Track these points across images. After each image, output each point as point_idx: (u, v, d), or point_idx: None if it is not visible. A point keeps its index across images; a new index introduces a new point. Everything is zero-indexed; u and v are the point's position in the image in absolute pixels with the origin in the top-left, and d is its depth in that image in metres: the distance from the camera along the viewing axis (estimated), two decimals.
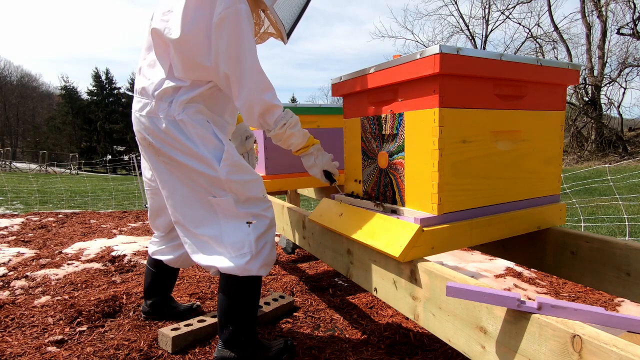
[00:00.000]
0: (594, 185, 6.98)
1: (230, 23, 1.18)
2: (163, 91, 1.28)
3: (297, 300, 1.96)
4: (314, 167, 1.47)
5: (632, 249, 1.09)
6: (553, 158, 1.28)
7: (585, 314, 0.64)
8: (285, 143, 1.40)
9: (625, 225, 3.61)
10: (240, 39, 1.20)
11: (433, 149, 1.01)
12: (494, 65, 1.05)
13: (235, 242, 1.30)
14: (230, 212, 1.32)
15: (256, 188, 1.35)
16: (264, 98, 1.27)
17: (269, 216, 1.35)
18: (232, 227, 1.31)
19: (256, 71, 1.25)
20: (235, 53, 1.21)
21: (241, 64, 1.22)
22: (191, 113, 1.29)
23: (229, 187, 1.29)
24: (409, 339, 1.55)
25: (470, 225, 1.08)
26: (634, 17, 15.44)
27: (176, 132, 1.28)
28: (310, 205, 6.01)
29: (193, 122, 1.28)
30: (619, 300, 2.04)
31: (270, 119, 1.31)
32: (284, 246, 2.91)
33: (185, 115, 1.28)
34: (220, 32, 1.18)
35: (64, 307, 1.82)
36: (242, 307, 1.36)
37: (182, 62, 1.25)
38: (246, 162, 1.37)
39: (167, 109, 1.28)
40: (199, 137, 1.29)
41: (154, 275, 1.71)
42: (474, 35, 21.79)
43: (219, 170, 1.27)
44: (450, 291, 0.74)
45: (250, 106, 1.27)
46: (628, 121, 19.01)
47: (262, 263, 1.32)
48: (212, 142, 1.30)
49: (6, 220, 4.22)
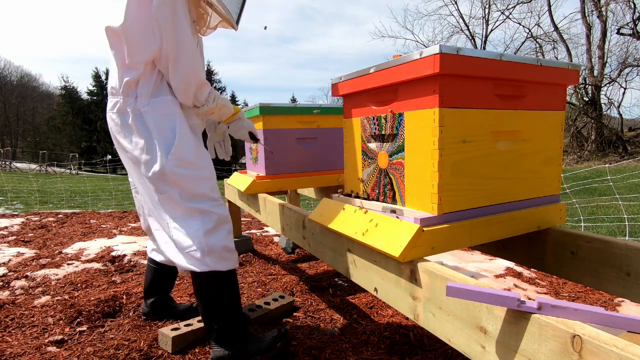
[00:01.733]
0: (594, 185, 6.98)
1: (167, 7, 1.27)
2: (126, 85, 1.35)
3: (297, 300, 1.96)
4: (242, 129, 1.67)
5: (632, 249, 1.09)
6: (553, 158, 1.28)
7: (585, 314, 0.64)
8: (217, 114, 1.53)
9: (625, 225, 3.61)
10: (176, 22, 1.30)
11: (433, 149, 1.01)
12: (494, 65, 1.05)
13: (184, 239, 1.34)
14: (176, 208, 1.36)
15: (204, 185, 1.38)
16: (199, 76, 1.38)
17: (217, 212, 1.37)
18: (180, 223, 1.36)
19: (191, 51, 1.34)
20: (173, 35, 1.30)
21: (178, 45, 1.31)
22: (157, 105, 1.36)
23: (174, 180, 1.33)
24: (409, 339, 1.55)
25: (470, 225, 1.08)
26: (634, 17, 15.44)
27: (138, 124, 1.35)
28: (310, 205, 6.01)
29: (154, 113, 1.35)
30: (619, 300, 2.04)
31: (202, 95, 1.42)
32: (284, 246, 2.91)
33: (150, 106, 1.35)
34: (159, 15, 1.27)
35: (64, 307, 1.82)
36: (217, 304, 1.38)
37: (130, 48, 1.32)
38: (200, 161, 1.40)
39: (134, 103, 1.36)
40: (155, 127, 1.35)
41: (153, 274, 1.72)
42: (474, 35, 21.80)
43: (165, 162, 1.32)
44: (450, 291, 0.74)
45: (187, 84, 1.36)
46: (628, 121, 19.02)
47: (218, 257, 1.35)
48: (165, 133, 1.35)
49: (6, 220, 4.22)
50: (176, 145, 1.34)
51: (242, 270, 2.43)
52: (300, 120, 2.17)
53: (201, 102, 1.43)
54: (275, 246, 3.04)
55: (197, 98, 1.41)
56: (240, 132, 1.67)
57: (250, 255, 2.73)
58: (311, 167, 2.25)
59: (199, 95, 1.40)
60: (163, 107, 1.36)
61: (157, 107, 1.36)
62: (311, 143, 2.23)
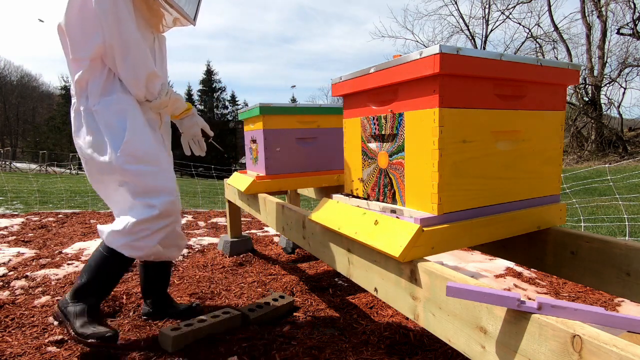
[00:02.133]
0: (594, 185, 6.98)
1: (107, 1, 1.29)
2: (77, 84, 1.38)
3: (297, 300, 1.96)
4: (195, 126, 1.71)
5: (632, 249, 1.09)
6: (553, 158, 1.28)
7: (585, 314, 0.64)
8: (170, 108, 1.56)
9: (625, 225, 3.61)
10: (118, 15, 1.31)
11: (433, 149, 1.01)
12: (494, 65, 1.05)
13: (121, 219, 1.43)
14: (125, 202, 1.44)
15: (154, 179, 1.41)
16: (149, 67, 1.39)
17: (159, 208, 1.40)
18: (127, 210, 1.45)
19: (136, 43, 1.35)
20: (116, 27, 1.31)
21: (122, 37, 1.32)
22: (108, 103, 1.38)
23: (123, 175, 1.38)
24: (409, 339, 1.55)
25: (470, 225, 1.08)
26: (634, 17, 15.45)
27: (90, 123, 1.38)
28: (310, 205, 6.01)
29: (105, 112, 1.37)
30: (619, 300, 2.04)
31: (154, 87, 1.42)
32: (284, 246, 2.91)
33: (101, 105, 1.38)
34: (100, 9, 1.29)
35: None
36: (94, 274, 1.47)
37: (73, 44, 1.34)
38: (151, 156, 1.41)
39: (86, 102, 1.38)
40: (105, 125, 1.37)
41: (144, 273, 1.74)
42: (474, 35, 21.80)
43: (115, 158, 1.36)
44: (450, 291, 0.74)
45: (135, 75, 1.37)
46: (628, 121, 19.01)
47: (126, 242, 1.40)
48: (116, 130, 1.37)
49: (6, 220, 4.22)
50: (126, 141, 1.37)
51: (242, 270, 2.43)
52: (300, 120, 2.17)
53: (154, 95, 1.44)
54: (275, 246, 3.04)
55: (149, 90, 1.42)
56: (194, 129, 1.71)
57: (250, 255, 2.73)
58: (311, 167, 2.25)
59: (151, 86, 1.42)
60: (114, 105, 1.38)
61: (108, 106, 1.38)
62: (311, 143, 2.23)
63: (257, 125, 2.13)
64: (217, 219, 4.35)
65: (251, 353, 1.45)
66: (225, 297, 2.01)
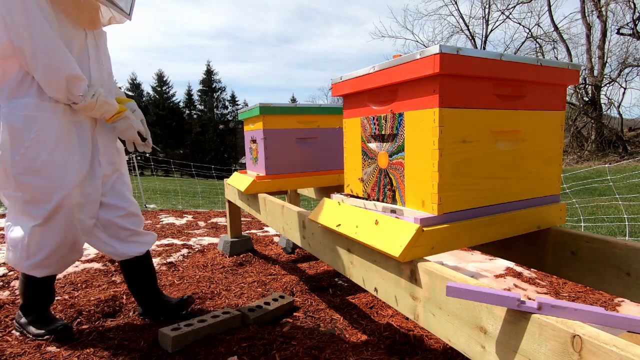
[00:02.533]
0: (594, 185, 6.98)
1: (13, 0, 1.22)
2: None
3: (297, 300, 1.96)
4: (130, 129, 1.57)
5: (632, 249, 1.09)
6: (553, 158, 1.28)
7: (585, 314, 0.64)
8: (98, 111, 1.45)
9: (625, 225, 3.61)
10: (27, 14, 1.23)
11: (433, 149, 1.01)
12: (494, 65, 1.05)
13: (12, 238, 1.43)
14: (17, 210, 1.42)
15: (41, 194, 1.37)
16: (69, 68, 1.31)
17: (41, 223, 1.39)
18: (16, 223, 1.44)
19: (51, 43, 1.27)
20: (24, 27, 1.23)
21: (32, 37, 1.24)
22: (16, 107, 1.32)
23: (17, 186, 1.36)
24: (409, 339, 1.55)
25: (470, 225, 1.08)
26: (634, 17, 15.45)
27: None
28: (310, 205, 6.01)
29: (11, 115, 1.32)
30: (619, 300, 2.04)
31: (76, 90, 1.34)
32: (284, 246, 2.91)
33: (9, 109, 1.32)
34: (4, 8, 1.22)
35: (64, 307, 1.82)
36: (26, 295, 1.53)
37: None
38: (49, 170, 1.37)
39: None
40: (9, 130, 1.32)
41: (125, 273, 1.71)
42: (474, 35, 21.81)
43: (11, 168, 1.34)
44: (450, 291, 0.74)
45: (49, 77, 1.29)
46: (628, 121, 19.01)
47: (32, 264, 1.43)
48: (17, 138, 1.32)
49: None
50: (23, 152, 1.32)
51: (242, 270, 2.43)
52: (300, 120, 2.17)
53: (77, 98, 1.35)
54: (275, 246, 3.04)
55: (71, 92, 1.34)
56: (129, 132, 1.58)
57: (250, 255, 2.72)
58: (311, 167, 2.25)
59: (73, 89, 1.33)
60: (22, 110, 1.32)
61: (16, 109, 1.32)
62: (311, 143, 2.23)
63: (257, 125, 2.13)
64: (217, 219, 4.35)
65: (251, 353, 1.45)
66: (225, 297, 2.01)
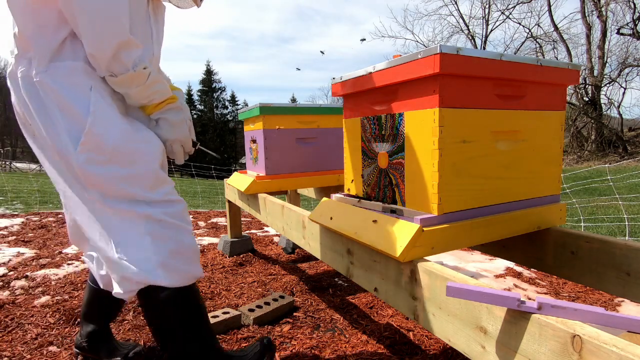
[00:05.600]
0: (594, 185, 6.98)
1: None
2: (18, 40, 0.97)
3: (297, 300, 1.96)
4: (183, 124, 1.15)
5: (632, 249, 1.09)
6: (553, 158, 1.28)
7: (585, 314, 0.64)
8: (146, 91, 1.04)
9: (625, 225, 3.61)
10: None
11: (433, 149, 1.01)
12: (494, 65, 1.05)
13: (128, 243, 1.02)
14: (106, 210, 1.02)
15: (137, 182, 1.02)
16: (124, 27, 0.95)
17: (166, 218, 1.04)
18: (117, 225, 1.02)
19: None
20: None
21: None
22: (58, 72, 0.96)
23: (87, 179, 0.98)
24: (409, 339, 1.55)
25: (470, 225, 1.08)
26: (634, 17, 15.45)
27: (31, 98, 0.97)
28: (310, 205, 6.01)
29: (57, 85, 0.96)
30: (619, 300, 2.04)
31: (127, 57, 0.97)
32: (284, 246, 2.91)
33: (48, 74, 0.96)
34: None
35: (64, 308, 1.82)
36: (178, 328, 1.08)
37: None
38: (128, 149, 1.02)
39: (27, 67, 0.96)
40: (55, 104, 0.96)
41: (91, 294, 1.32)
42: (474, 35, 21.81)
43: (75, 156, 0.97)
44: (450, 291, 0.74)
45: (103, 35, 0.93)
46: (628, 121, 19.02)
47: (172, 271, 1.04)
48: (76, 115, 0.96)
49: (6, 220, 4.22)
50: (88, 130, 0.96)
51: (242, 270, 2.43)
52: (300, 120, 2.17)
53: (125, 67, 0.98)
54: (275, 246, 3.04)
55: (120, 60, 0.97)
56: (181, 129, 1.15)
57: (250, 255, 2.72)
58: (311, 167, 2.25)
59: (124, 56, 0.97)
60: (68, 76, 0.97)
61: (59, 76, 0.96)
62: (311, 143, 2.23)
63: (257, 125, 2.13)
64: (217, 219, 4.35)
65: None
66: (225, 297, 2.01)
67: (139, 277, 1.01)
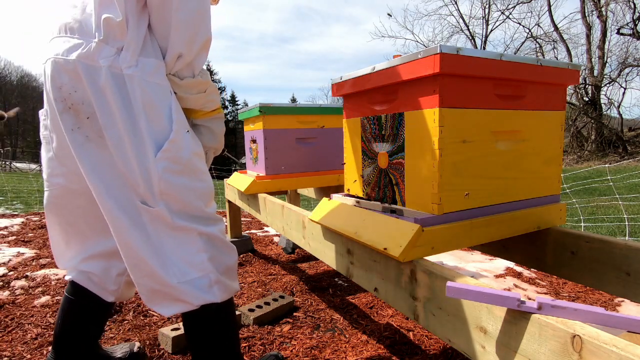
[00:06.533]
0: (594, 185, 6.98)
1: None
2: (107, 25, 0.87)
3: (297, 300, 1.96)
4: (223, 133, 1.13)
5: (632, 249, 1.09)
6: (553, 158, 1.28)
7: (585, 314, 0.64)
8: (205, 98, 1.02)
9: (625, 225, 3.61)
10: None
11: (433, 149, 1.01)
12: (494, 65, 1.05)
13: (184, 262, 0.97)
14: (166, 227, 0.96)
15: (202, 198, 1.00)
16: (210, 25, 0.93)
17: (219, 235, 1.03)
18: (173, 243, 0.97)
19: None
20: None
21: None
22: (150, 70, 0.91)
23: (161, 188, 0.93)
24: (409, 339, 1.55)
25: (470, 225, 1.08)
26: (634, 17, 15.46)
27: (115, 92, 0.88)
28: (310, 205, 6.01)
29: (145, 83, 0.90)
30: (619, 300, 2.04)
31: (200, 59, 0.95)
32: (284, 246, 2.91)
33: (140, 70, 0.89)
34: None
35: None
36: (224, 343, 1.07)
37: None
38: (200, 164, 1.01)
39: (115, 56, 0.88)
40: (146, 107, 0.90)
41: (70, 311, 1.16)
42: (474, 35, 21.81)
43: (154, 162, 0.91)
44: (450, 291, 0.74)
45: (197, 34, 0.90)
46: (628, 121, 19.02)
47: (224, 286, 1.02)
48: (160, 119, 0.92)
49: (6, 220, 4.22)
50: (172, 139, 0.92)
51: (242, 270, 2.43)
52: (301, 120, 2.17)
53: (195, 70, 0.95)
54: (275, 246, 3.04)
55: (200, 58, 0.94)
56: (219, 138, 1.13)
57: (250, 255, 2.72)
58: (311, 167, 2.25)
59: (203, 55, 0.94)
60: (155, 75, 0.91)
61: (148, 74, 0.90)
62: (311, 143, 2.23)
63: (257, 125, 2.13)
64: None
65: (251, 353, 1.45)
66: None
67: (197, 300, 0.98)
